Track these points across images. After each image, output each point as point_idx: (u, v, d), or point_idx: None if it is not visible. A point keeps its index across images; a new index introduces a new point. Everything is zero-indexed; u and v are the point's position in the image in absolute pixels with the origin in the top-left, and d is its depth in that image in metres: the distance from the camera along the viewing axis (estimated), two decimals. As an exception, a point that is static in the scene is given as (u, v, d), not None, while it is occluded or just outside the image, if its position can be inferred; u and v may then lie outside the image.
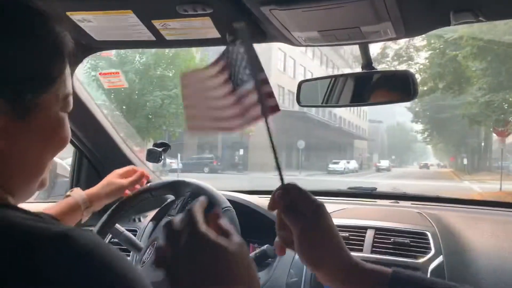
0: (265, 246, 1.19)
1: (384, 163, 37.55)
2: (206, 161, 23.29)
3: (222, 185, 1.28)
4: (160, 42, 1.11)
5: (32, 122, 0.52)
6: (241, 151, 24.97)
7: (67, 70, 0.55)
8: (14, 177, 0.53)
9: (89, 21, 1.01)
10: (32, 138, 0.53)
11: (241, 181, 16.48)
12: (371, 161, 47.40)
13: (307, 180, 20.05)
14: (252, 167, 24.17)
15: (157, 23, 1.01)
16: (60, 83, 0.54)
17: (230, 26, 1.04)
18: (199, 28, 1.04)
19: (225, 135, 25.54)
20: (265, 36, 1.06)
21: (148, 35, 1.08)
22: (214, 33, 1.05)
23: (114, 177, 1.21)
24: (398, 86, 1.15)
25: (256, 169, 23.34)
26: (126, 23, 1.01)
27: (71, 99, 0.57)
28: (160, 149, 1.53)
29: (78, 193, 1.14)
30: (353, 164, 30.19)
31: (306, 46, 1.11)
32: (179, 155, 20.60)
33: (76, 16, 1.00)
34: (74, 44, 0.56)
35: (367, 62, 1.21)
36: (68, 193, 1.15)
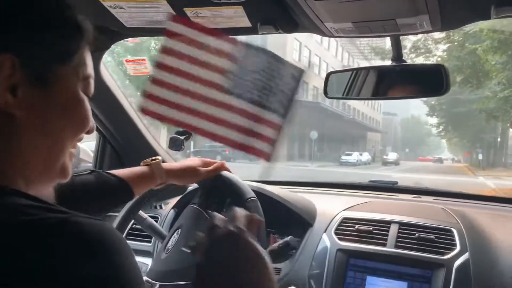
0: (288, 238, 1.19)
1: (392, 156, 33.99)
2: (219, 150, 23.34)
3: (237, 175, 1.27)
4: (190, 30, 1.10)
5: (52, 94, 0.52)
6: (254, 140, 24.91)
7: (87, 52, 0.57)
8: (32, 155, 0.52)
9: (121, 8, 1.01)
10: (52, 112, 0.52)
11: (253, 170, 16.50)
12: (384, 153, 47.08)
13: (317, 171, 20.01)
14: (265, 157, 24.12)
15: (189, 11, 1.00)
16: (78, 61, 0.55)
17: (262, 15, 1.03)
18: (230, 17, 1.02)
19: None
20: (296, 26, 1.05)
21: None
22: (245, 23, 1.03)
23: (196, 164, 1.19)
24: (430, 80, 1.13)
25: (268, 159, 23.31)
26: (158, 10, 1.00)
27: (92, 82, 0.58)
28: (182, 137, 1.53)
29: (157, 165, 1.11)
30: (365, 157, 29.94)
31: (338, 37, 1.09)
32: (192, 143, 20.70)
33: (108, 3, 1.00)
34: (94, 30, 0.57)
35: (398, 55, 1.19)
36: (147, 160, 1.11)
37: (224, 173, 1.23)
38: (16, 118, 0.49)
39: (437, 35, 18.39)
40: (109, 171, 1.06)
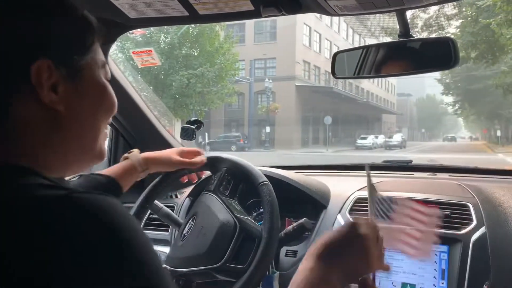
0: (302, 220, 1.19)
1: (396, 138, 30.35)
2: (233, 140, 23.42)
3: (251, 163, 1.28)
4: (193, 17, 1.10)
5: (82, 84, 0.58)
6: (268, 129, 24.95)
7: (97, 44, 0.62)
8: (73, 143, 0.58)
9: (124, -1, 1.01)
10: (84, 101, 0.58)
11: (269, 158, 16.53)
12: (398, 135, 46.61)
13: (334, 156, 19.93)
14: (279, 144, 24.17)
15: (191, -2, 1.00)
16: (95, 51, 0.61)
17: (265, -3, 1.02)
18: (232, 1, 1.02)
19: (251, 113, 25.55)
20: (300, 6, 1.04)
21: (181, 11, 1.07)
22: (248, 6, 1.03)
23: (173, 153, 1.27)
24: (438, 54, 1.11)
25: (282, 146, 23.36)
26: (160, -1, 1.01)
27: (108, 68, 0.64)
28: (193, 127, 1.55)
29: (135, 156, 1.20)
30: (381, 139, 29.64)
31: (342, 15, 1.08)
32: (206, 134, 20.80)
33: (111, -6, 1.00)
34: (99, 23, 0.62)
35: (405, 30, 1.17)
36: (126, 155, 1.21)
37: (236, 159, 1.24)
38: (59, 112, 0.55)
39: (450, 11, 18.01)
40: (95, 172, 1.15)
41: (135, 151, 1.22)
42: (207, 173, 1.53)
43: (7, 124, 0.53)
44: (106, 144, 0.66)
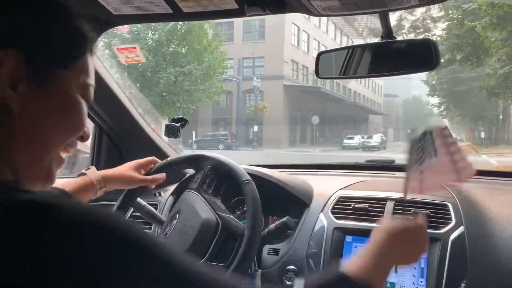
0: (285, 218, 1.20)
1: (376, 139, 28.56)
2: (221, 138, 23.36)
3: (238, 162, 1.29)
4: (177, 15, 1.10)
5: (51, 95, 0.54)
6: (256, 128, 24.96)
7: (90, 60, 0.59)
8: (20, 150, 0.53)
9: (107, -5, 1.01)
10: (47, 111, 0.54)
11: (256, 157, 16.54)
12: (386, 136, 46.98)
13: (320, 156, 20.02)
14: (267, 143, 24.19)
15: (175, -5, 1.00)
16: (81, 67, 0.57)
17: (249, -4, 1.02)
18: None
19: (239, 112, 25.53)
20: (284, 6, 1.04)
21: (165, 8, 1.07)
22: (232, 4, 1.03)
23: (131, 169, 1.24)
24: (420, 55, 1.12)
25: (270, 145, 23.38)
26: (144, -5, 1.00)
27: (91, 90, 0.60)
28: (178, 124, 1.54)
29: (93, 173, 1.16)
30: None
31: (325, 15, 1.09)
32: (193, 132, 20.71)
33: (94, -10, 0.99)
34: (82, 19, 0.59)
35: (388, 31, 1.18)
36: (83, 171, 1.16)
37: (220, 157, 1.24)
38: (12, 111, 0.51)
39: (436, 13, 18.24)
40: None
41: (93, 168, 1.17)
42: (190, 171, 1.53)
43: None
44: (58, 171, 0.60)
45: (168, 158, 1.33)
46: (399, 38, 1.23)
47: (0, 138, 0.52)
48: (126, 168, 1.24)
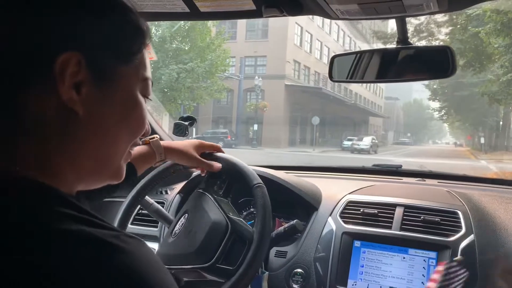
0: (294, 221, 1.19)
1: (366, 141, 26.71)
2: (221, 136, 23.34)
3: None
4: (194, 14, 1.09)
5: (113, 94, 0.53)
6: (256, 126, 24.94)
7: (146, 55, 0.58)
8: (87, 153, 0.53)
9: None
10: (111, 111, 0.53)
11: (255, 156, 16.53)
12: (386, 138, 46.99)
13: (319, 156, 20.02)
14: (266, 142, 24.18)
15: (193, -6, 0.99)
16: (139, 62, 0.56)
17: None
18: (234, 0, 1.01)
19: (239, 110, 25.53)
20: (301, 8, 1.04)
21: (182, 7, 1.06)
22: (250, 5, 1.02)
23: (193, 147, 1.20)
24: (436, 62, 1.12)
25: (270, 144, 23.37)
26: (161, -6, 0.99)
27: (150, 84, 0.59)
28: (186, 123, 1.53)
29: (156, 143, 1.14)
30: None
31: (342, 19, 1.08)
32: (194, 129, 20.68)
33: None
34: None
35: (404, 37, 1.17)
36: (146, 139, 1.13)
37: (231, 158, 1.23)
38: (78, 115, 0.49)
39: (440, 18, 18.22)
40: None
41: (156, 137, 1.15)
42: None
43: (17, 118, 0.47)
44: (125, 167, 0.59)
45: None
46: (415, 44, 1.22)
47: (66, 143, 0.50)
48: (189, 145, 1.21)
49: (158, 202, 1.40)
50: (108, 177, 0.57)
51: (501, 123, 27.98)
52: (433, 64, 1.14)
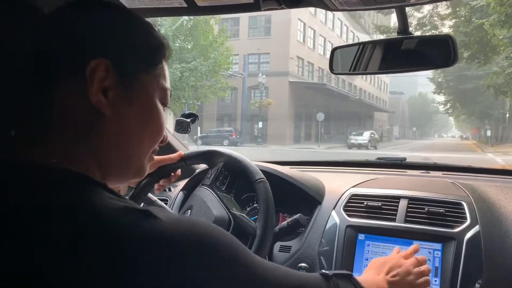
0: (297, 215, 1.19)
1: (364, 137, 25.35)
2: (226, 134, 23.35)
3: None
4: (191, 8, 1.08)
5: (136, 99, 0.58)
6: (260, 124, 24.93)
7: (166, 67, 0.63)
8: (113, 153, 0.57)
9: (121, -12, 0.99)
10: (134, 115, 0.58)
11: (260, 153, 16.53)
12: (391, 133, 46.83)
13: (325, 152, 19.99)
14: (271, 139, 24.17)
15: (189, -12, 0.98)
16: (159, 72, 0.61)
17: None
18: (232, -7, 1.01)
19: (244, 108, 25.53)
20: (299, 0, 1.03)
21: (179, 2, 1.05)
22: (248, -2, 1.02)
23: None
24: (438, 52, 1.11)
25: (275, 142, 23.36)
26: (158, -12, 0.99)
27: (168, 93, 0.64)
28: (188, 120, 1.53)
29: None
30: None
31: (341, 10, 1.07)
32: (198, 128, 20.72)
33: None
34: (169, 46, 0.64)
35: (404, 27, 1.16)
36: None
37: (234, 154, 1.22)
38: (104, 115, 0.54)
39: (443, 10, 18.11)
40: None
41: None
42: (201, 166, 1.52)
43: (51, 113, 0.52)
44: (148, 165, 0.65)
45: (183, 153, 1.32)
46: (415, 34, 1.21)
47: (93, 141, 0.55)
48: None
49: (161, 199, 1.40)
50: (132, 174, 0.62)
51: (507, 115, 27.82)
52: (435, 53, 1.13)
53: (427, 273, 0.91)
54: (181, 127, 1.53)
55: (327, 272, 0.69)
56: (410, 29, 1.18)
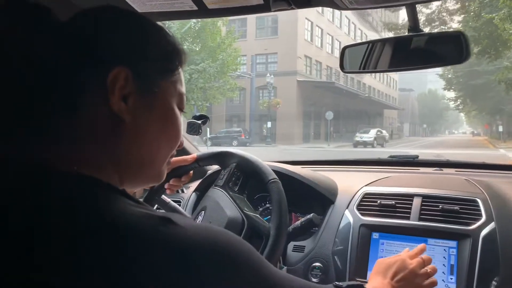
0: (310, 215, 1.19)
1: (370, 135, 24.83)
2: (235, 135, 23.38)
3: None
4: (202, 11, 1.09)
5: (153, 104, 0.59)
6: (269, 124, 24.92)
7: (182, 73, 0.65)
8: (132, 158, 0.58)
9: (132, -8, 1.00)
10: (153, 121, 0.59)
11: (270, 153, 16.52)
12: (402, 130, 46.52)
13: (336, 151, 19.91)
14: (280, 139, 24.16)
15: (200, -9, 0.99)
16: (176, 78, 0.62)
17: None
18: (242, -5, 1.01)
19: (252, 108, 25.52)
20: (309, 0, 1.03)
21: (190, 5, 1.06)
22: (258, 0, 1.02)
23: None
24: (449, 48, 1.10)
25: (284, 141, 23.34)
26: (169, -8, 1.00)
27: (184, 98, 0.65)
28: (199, 121, 1.54)
29: None
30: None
31: (352, 9, 1.07)
32: (208, 129, 20.78)
33: (119, -12, 0.99)
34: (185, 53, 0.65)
35: (414, 24, 1.15)
36: None
37: (246, 155, 1.23)
38: (124, 121, 0.55)
39: (452, 6, 17.94)
40: None
41: None
42: (213, 167, 1.53)
43: (71, 120, 0.53)
44: (166, 170, 0.66)
45: (196, 154, 1.32)
46: (426, 31, 1.20)
47: (112, 147, 0.56)
48: None
49: (174, 201, 1.41)
50: (150, 179, 0.64)
51: (519, 110, 27.45)
52: (447, 50, 1.12)
53: (433, 274, 0.90)
54: (193, 129, 1.54)
55: (340, 284, 0.71)
56: (419, 23, 1.17)
